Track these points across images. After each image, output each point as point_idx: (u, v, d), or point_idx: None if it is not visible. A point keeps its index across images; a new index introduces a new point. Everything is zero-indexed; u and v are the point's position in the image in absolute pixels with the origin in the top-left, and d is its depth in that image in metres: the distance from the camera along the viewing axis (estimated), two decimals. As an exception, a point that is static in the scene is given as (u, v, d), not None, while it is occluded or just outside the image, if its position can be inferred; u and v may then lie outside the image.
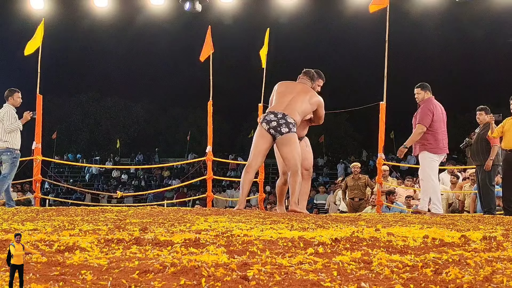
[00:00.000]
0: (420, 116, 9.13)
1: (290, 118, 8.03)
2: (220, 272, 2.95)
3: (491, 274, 2.99)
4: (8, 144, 9.74)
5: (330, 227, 5.55)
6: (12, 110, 9.92)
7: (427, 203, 9.21)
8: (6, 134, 9.74)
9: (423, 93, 9.25)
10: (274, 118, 8.01)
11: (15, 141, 9.80)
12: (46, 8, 16.88)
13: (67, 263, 3.19)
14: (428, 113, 9.07)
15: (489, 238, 4.54)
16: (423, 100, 9.22)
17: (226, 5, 18.07)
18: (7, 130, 9.73)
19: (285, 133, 7.96)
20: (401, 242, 4.23)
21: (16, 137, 9.83)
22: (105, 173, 37.04)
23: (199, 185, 25.74)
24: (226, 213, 7.30)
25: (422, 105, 9.21)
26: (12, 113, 9.88)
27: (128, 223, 5.65)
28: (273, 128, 7.98)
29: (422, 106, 9.19)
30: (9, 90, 10.06)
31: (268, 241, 4.17)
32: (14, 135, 9.81)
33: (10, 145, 9.75)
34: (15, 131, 9.81)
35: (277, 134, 7.98)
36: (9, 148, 9.74)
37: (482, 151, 9.85)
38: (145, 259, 3.35)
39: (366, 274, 3.03)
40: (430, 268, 3.15)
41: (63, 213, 7.15)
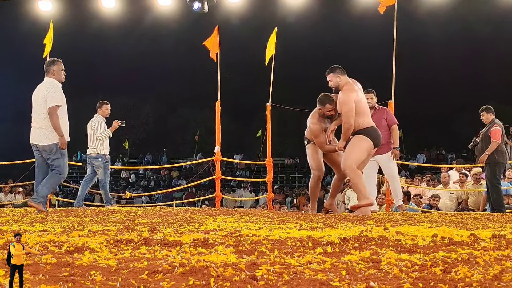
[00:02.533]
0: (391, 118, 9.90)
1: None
2: (228, 272, 2.96)
3: (500, 273, 2.98)
4: (98, 150, 10.53)
5: (339, 226, 5.54)
6: (102, 120, 10.67)
7: None
8: (96, 142, 10.55)
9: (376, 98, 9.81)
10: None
11: (103, 148, 10.56)
12: (54, 9, 16.93)
13: (76, 264, 3.20)
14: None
15: (498, 236, 4.52)
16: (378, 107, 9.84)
17: (234, 5, 18.07)
18: (98, 138, 10.52)
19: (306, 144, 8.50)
20: (410, 241, 4.22)
21: (105, 144, 10.60)
22: (114, 174, 37.11)
23: (207, 185, 25.77)
24: (235, 213, 7.31)
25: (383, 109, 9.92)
26: (102, 123, 10.63)
27: (137, 224, 5.67)
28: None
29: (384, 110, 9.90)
30: (99, 102, 10.89)
31: (276, 241, 4.17)
32: (103, 142, 10.58)
33: (100, 151, 10.52)
34: (104, 139, 10.58)
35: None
36: (99, 154, 10.52)
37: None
38: (154, 260, 3.36)
39: (375, 274, 3.02)
40: (439, 267, 3.15)
41: (72, 214, 7.18)
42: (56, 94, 8.24)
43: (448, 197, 12.14)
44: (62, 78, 8.50)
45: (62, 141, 8.21)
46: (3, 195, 16.42)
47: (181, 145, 43.10)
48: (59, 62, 8.57)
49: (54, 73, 8.44)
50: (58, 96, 8.26)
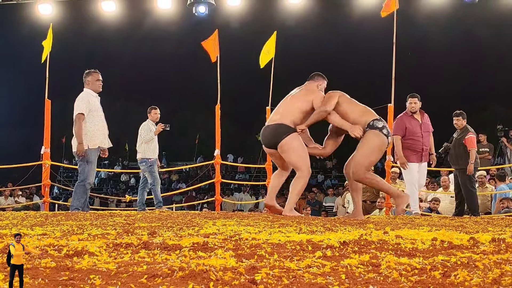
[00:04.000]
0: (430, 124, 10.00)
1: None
2: (228, 276, 2.96)
3: (500, 277, 2.98)
4: (142, 154, 10.98)
5: (339, 230, 5.54)
6: (149, 125, 11.17)
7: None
8: (141, 146, 11.01)
9: (419, 103, 9.92)
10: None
11: (148, 152, 10.94)
12: (54, 13, 16.93)
13: (75, 268, 3.20)
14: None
15: (498, 240, 4.52)
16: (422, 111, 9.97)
17: (233, 8, 18.08)
18: (142, 142, 10.99)
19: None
20: (409, 245, 4.22)
21: (149, 147, 10.97)
22: (114, 177, 37.07)
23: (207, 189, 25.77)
24: (235, 217, 7.31)
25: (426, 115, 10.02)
26: (149, 127, 11.12)
27: (137, 227, 5.67)
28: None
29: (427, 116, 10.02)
30: (149, 108, 11.35)
31: (276, 245, 4.17)
32: (148, 146, 10.97)
33: (144, 155, 10.93)
34: (149, 143, 10.96)
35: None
36: (143, 159, 10.95)
37: (460, 156, 10.12)
38: (153, 264, 3.36)
39: (375, 277, 3.02)
40: (438, 270, 3.15)
41: (72, 218, 7.17)
42: (80, 102, 8.76)
43: (449, 200, 12.14)
44: (98, 88, 9.11)
45: (79, 148, 8.59)
46: (3, 198, 16.42)
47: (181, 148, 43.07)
48: (95, 73, 9.13)
49: (89, 83, 9.03)
50: (83, 104, 8.72)
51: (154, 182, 10.90)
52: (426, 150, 9.72)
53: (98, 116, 8.87)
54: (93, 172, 8.80)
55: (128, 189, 32.79)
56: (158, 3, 16.83)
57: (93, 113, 8.80)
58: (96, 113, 8.83)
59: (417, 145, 9.64)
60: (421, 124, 9.70)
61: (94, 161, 8.74)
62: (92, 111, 8.78)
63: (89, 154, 8.71)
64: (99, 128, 8.80)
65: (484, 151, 13.94)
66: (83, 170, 8.64)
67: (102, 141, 8.83)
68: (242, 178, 31.47)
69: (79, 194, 8.66)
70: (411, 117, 9.76)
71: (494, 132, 15.69)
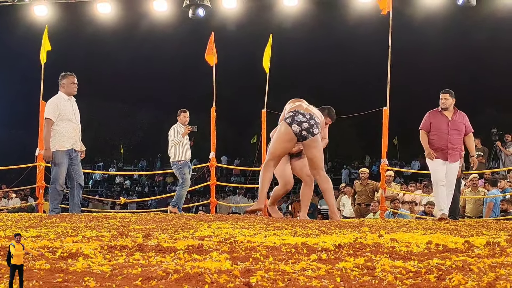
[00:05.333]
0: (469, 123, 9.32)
1: (317, 119, 8.01)
2: (223, 279, 2.95)
3: (494, 280, 2.98)
4: (173, 158, 11.09)
5: (334, 233, 5.54)
6: (178, 128, 11.19)
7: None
8: (172, 149, 11.10)
9: (451, 99, 9.24)
10: (303, 118, 7.88)
11: (178, 154, 11.03)
12: (50, 14, 16.90)
13: (70, 270, 3.19)
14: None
15: (492, 243, 4.53)
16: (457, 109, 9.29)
17: (229, 11, 18.08)
18: (171, 144, 11.07)
19: (316, 134, 7.90)
20: (404, 248, 4.22)
21: (179, 150, 11.04)
22: (108, 179, 37.04)
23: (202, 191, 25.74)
24: (230, 219, 7.30)
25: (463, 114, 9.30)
26: (178, 130, 11.15)
27: (132, 230, 5.66)
28: (305, 129, 7.84)
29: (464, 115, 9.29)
30: (179, 110, 11.42)
31: (271, 247, 4.17)
32: (178, 149, 11.04)
33: (174, 158, 11.06)
34: (178, 145, 11.02)
35: (309, 136, 7.86)
36: (174, 161, 11.08)
37: None
38: (148, 266, 3.35)
39: (369, 281, 3.02)
40: (433, 274, 3.15)
41: (66, 220, 7.16)
42: (50, 107, 8.77)
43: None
44: (72, 91, 9.00)
45: (46, 153, 8.72)
46: (-3, 200, 16.36)
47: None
48: (71, 76, 9.04)
49: (64, 86, 8.96)
50: (51, 109, 8.73)
51: (183, 183, 11.10)
52: (454, 149, 9.12)
53: (69, 120, 8.84)
54: (63, 174, 8.76)
55: (123, 191, 32.73)
56: (154, 5, 16.81)
57: (63, 116, 8.78)
58: (66, 117, 8.81)
59: (441, 141, 9.12)
60: (450, 121, 9.15)
61: (63, 163, 8.72)
62: (61, 115, 8.77)
63: (57, 156, 8.71)
64: (68, 130, 8.78)
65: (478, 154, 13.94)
66: (53, 172, 8.79)
67: (73, 144, 8.82)
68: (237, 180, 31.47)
69: (52, 196, 8.84)
70: (439, 113, 9.24)
71: (489, 136, 15.72)
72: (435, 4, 17.82)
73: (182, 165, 11.00)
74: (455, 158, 9.08)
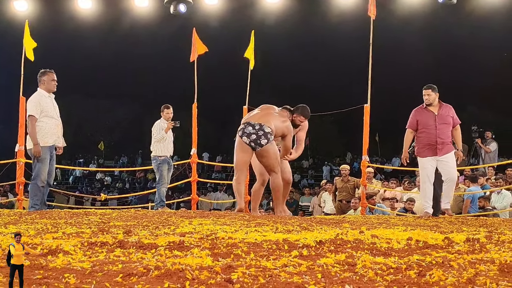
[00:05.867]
0: (456, 115, 9.25)
1: (267, 128, 8.29)
2: (204, 275, 2.94)
3: (474, 276, 3.00)
4: (154, 153, 11.08)
5: (315, 229, 5.55)
6: (161, 124, 11.17)
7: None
8: (153, 144, 11.07)
9: (434, 94, 9.23)
10: (252, 130, 8.27)
11: (159, 150, 11.01)
12: (30, 10, 16.78)
13: (50, 267, 3.17)
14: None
15: (472, 240, 4.57)
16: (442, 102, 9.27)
17: (211, 7, 18.07)
18: (154, 141, 11.04)
19: (265, 145, 8.22)
20: (385, 244, 4.24)
21: (160, 145, 11.01)
22: (89, 176, 36.82)
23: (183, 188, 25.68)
24: (211, 216, 7.29)
25: (449, 105, 9.29)
26: (161, 126, 11.13)
27: (112, 226, 5.63)
28: (253, 141, 8.25)
29: (450, 108, 9.26)
30: (162, 106, 11.42)
31: (252, 244, 4.17)
32: (160, 144, 11.03)
33: (156, 153, 11.03)
34: (161, 141, 11.00)
35: (257, 147, 8.26)
36: (154, 156, 11.06)
37: None
38: (129, 262, 3.33)
39: (350, 277, 3.03)
40: (413, 270, 3.17)
41: (46, 216, 7.11)
42: (32, 104, 8.79)
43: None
44: (52, 88, 9.05)
45: (35, 148, 8.71)
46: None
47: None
48: (50, 73, 9.07)
49: (44, 83, 8.99)
50: (34, 106, 8.76)
51: (159, 180, 11.05)
52: (443, 143, 9.08)
53: (51, 116, 8.93)
54: (45, 170, 8.85)
55: (104, 187, 32.56)
56: (135, 1, 16.76)
57: (45, 113, 8.86)
58: (48, 113, 8.89)
59: (430, 138, 9.11)
60: (436, 116, 9.12)
61: (45, 159, 8.82)
62: (44, 111, 8.85)
63: (163, 163, 9.68)
64: (51, 127, 8.89)
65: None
66: (35, 168, 8.81)
67: (55, 140, 8.94)
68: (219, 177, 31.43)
69: (33, 192, 8.85)
70: (425, 109, 9.20)
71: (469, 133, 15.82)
72: (417, 2, 17.94)
73: (162, 161, 10.97)
74: (446, 150, 9.08)
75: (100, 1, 17.98)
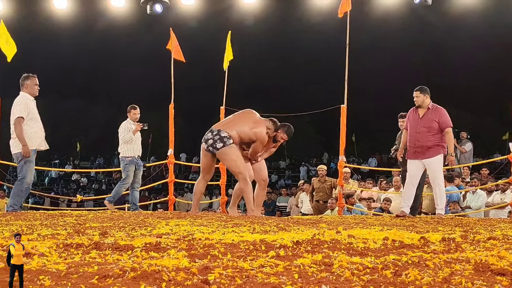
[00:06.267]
0: (446, 119, 9.16)
1: (224, 133, 8.56)
2: (181, 276, 2.93)
3: (449, 276, 3.02)
4: (122, 153, 11.02)
5: (292, 229, 5.56)
6: (128, 125, 11.06)
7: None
8: (121, 145, 11.01)
9: (423, 96, 9.24)
10: (210, 136, 8.62)
11: (126, 151, 10.96)
12: (4, 10, 16.63)
13: (25, 269, 3.13)
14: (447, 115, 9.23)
15: (448, 239, 4.60)
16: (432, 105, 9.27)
17: (187, 7, 18.02)
18: (121, 142, 10.98)
19: (220, 148, 8.51)
20: (361, 244, 4.26)
21: (128, 146, 10.95)
22: (65, 177, 36.54)
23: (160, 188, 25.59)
24: (188, 217, 7.27)
25: (439, 109, 9.24)
26: (128, 127, 11.03)
27: (88, 228, 5.59)
28: (210, 145, 8.59)
29: (441, 110, 9.22)
30: (129, 107, 11.29)
31: (229, 245, 4.16)
32: (127, 145, 10.95)
33: (123, 154, 10.98)
34: (128, 142, 10.92)
35: (214, 150, 8.57)
36: (122, 157, 11.02)
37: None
38: (104, 264, 3.31)
39: (327, 277, 3.04)
40: (390, 270, 3.18)
41: (21, 218, 7.04)
42: (20, 106, 8.84)
43: (400, 200, 12.26)
44: (35, 92, 9.13)
45: (24, 150, 8.75)
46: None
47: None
48: (33, 78, 9.15)
49: (27, 87, 9.05)
50: (22, 108, 8.82)
51: (123, 181, 11.02)
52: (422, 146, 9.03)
53: (35, 119, 9.01)
54: (32, 172, 8.99)
55: (79, 188, 32.31)
56: (111, 1, 16.66)
57: (31, 116, 8.92)
58: (33, 116, 8.96)
59: (411, 140, 9.14)
60: (420, 119, 9.12)
61: (32, 161, 8.91)
62: (29, 114, 8.91)
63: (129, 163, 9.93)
64: (36, 130, 8.96)
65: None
66: (21, 170, 8.83)
67: (40, 144, 9.01)
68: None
69: (17, 193, 8.86)
70: (415, 111, 9.26)
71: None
72: (392, 3, 18.04)
73: (129, 162, 10.93)
74: (430, 154, 9.03)
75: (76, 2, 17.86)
